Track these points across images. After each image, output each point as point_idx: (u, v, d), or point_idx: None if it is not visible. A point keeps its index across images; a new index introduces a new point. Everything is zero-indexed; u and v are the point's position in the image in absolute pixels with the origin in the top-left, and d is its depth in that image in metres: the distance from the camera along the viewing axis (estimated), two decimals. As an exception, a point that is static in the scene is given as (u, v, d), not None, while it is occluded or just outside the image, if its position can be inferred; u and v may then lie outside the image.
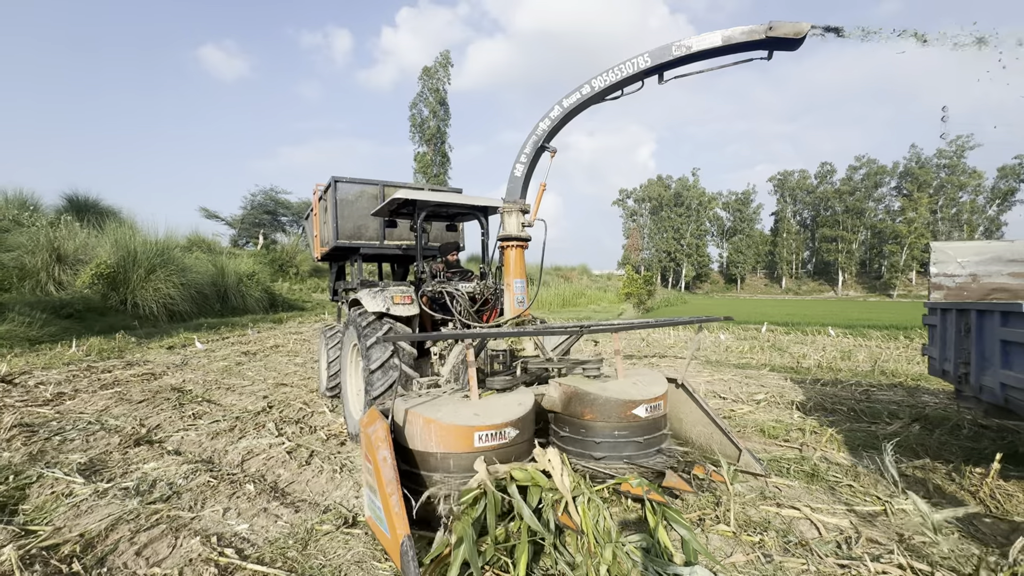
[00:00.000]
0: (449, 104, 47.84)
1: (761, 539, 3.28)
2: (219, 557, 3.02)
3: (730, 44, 4.28)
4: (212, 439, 5.41)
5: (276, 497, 3.95)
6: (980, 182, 67.77)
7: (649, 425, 3.58)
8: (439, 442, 2.96)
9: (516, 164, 4.90)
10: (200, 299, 19.67)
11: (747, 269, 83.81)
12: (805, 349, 12.76)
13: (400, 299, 4.95)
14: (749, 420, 6.26)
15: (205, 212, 39.25)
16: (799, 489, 4.10)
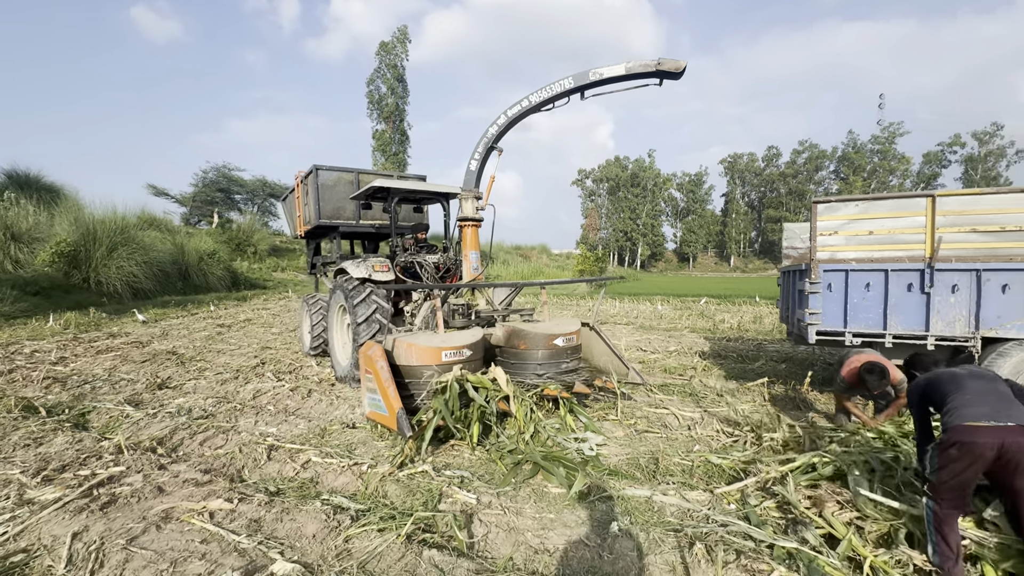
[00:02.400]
0: (407, 80, 47.63)
1: (636, 422, 4.89)
2: (264, 440, 4.32)
3: (631, 73, 5.72)
4: (222, 384, 6.56)
5: (291, 415, 5.24)
6: (908, 167, 73.57)
7: (566, 352, 5.09)
8: (418, 358, 4.34)
9: (471, 160, 6.23)
10: (162, 277, 19.89)
11: (699, 248, 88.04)
12: (728, 316, 14.82)
13: (379, 267, 6.22)
14: (659, 363, 7.98)
15: (153, 189, 38.02)
16: (676, 400, 5.76)
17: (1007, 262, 4.23)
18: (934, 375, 2.75)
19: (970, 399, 2.43)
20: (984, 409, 2.36)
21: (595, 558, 2.71)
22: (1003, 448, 2.26)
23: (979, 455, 2.30)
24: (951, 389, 2.55)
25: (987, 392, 2.48)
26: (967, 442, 2.31)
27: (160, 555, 2.67)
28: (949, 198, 4.42)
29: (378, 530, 2.91)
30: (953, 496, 2.39)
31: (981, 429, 2.29)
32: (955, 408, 2.43)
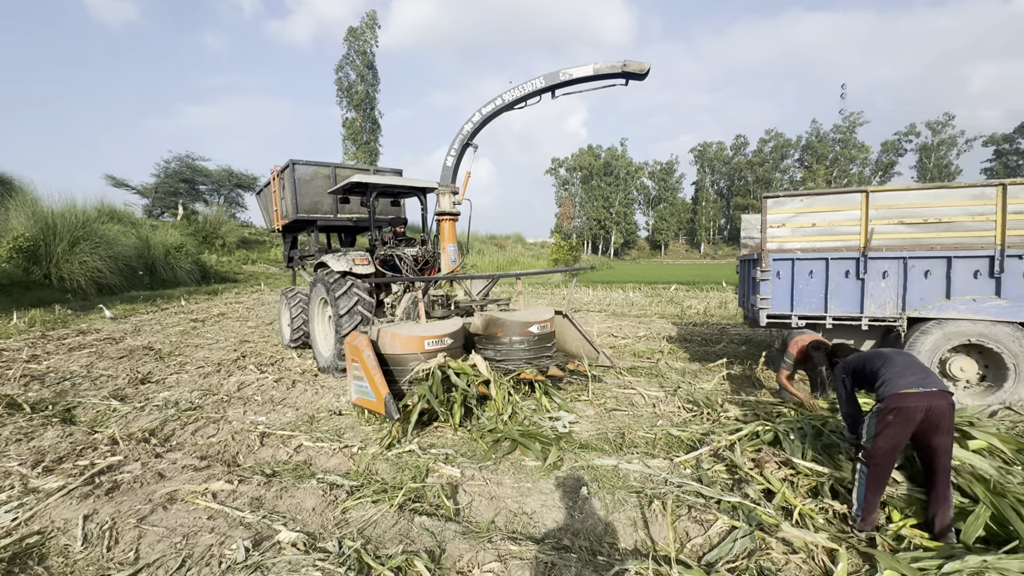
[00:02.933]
0: (377, 67, 46.77)
1: (606, 402, 5.30)
2: (255, 428, 4.54)
3: (599, 74, 6.03)
4: (204, 378, 6.67)
5: (278, 405, 5.45)
6: (867, 155, 76.42)
7: (541, 338, 5.44)
8: (402, 347, 4.62)
9: (447, 156, 6.46)
10: (128, 272, 19.34)
11: (670, 236, 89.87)
12: (695, 302, 15.49)
13: (360, 261, 6.41)
14: (629, 348, 8.45)
15: (112, 180, 36.45)
16: (643, 381, 6.20)
17: (929, 251, 4.78)
18: (861, 355, 3.18)
19: (899, 371, 2.84)
20: (913, 378, 2.76)
21: (567, 518, 3.09)
22: (929, 410, 2.65)
23: (911, 418, 2.68)
24: (880, 364, 2.96)
25: (912, 364, 2.91)
26: (903, 407, 2.68)
27: (171, 531, 2.91)
28: (880, 194, 4.93)
29: (372, 502, 3.21)
30: (886, 459, 2.77)
31: (913, 395, 2.68)
32: (889, 380, 2.81)
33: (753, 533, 2.79)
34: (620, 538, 2.89)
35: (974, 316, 4.65)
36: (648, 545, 2.80)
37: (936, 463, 2.75)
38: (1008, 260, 4.54)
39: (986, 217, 4.59)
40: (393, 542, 2.81)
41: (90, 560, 2.69)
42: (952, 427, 2.75)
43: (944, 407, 2.68)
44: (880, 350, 3.13)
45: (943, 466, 2.74)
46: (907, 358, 2.98)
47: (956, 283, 4.73)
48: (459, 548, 2.75)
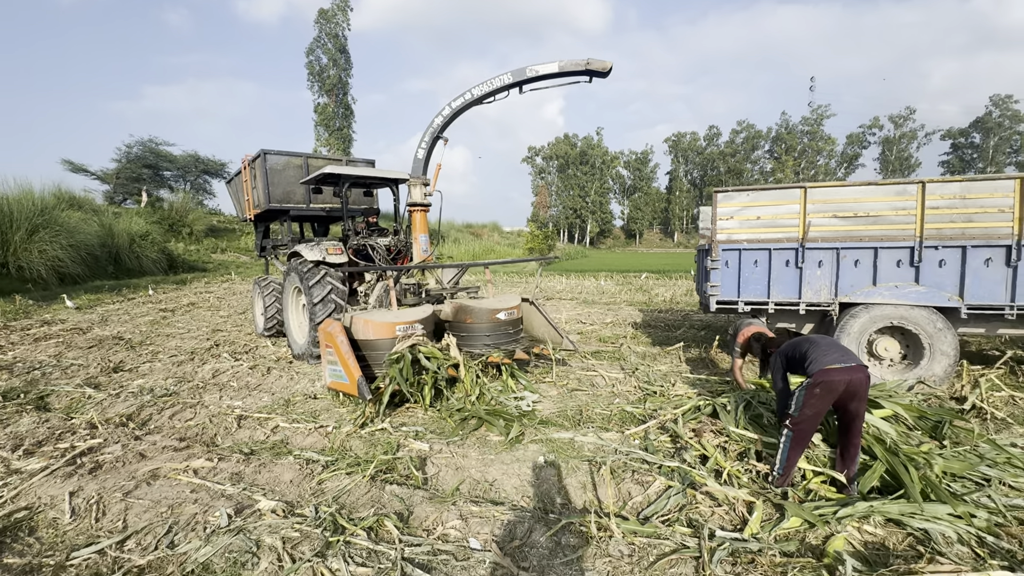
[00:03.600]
0: (350, 52, 45.77)
1: (568, 383, 5.67)
2: (232, 412, 4.73)
3: (563, 71, 6.29)
4: (178, 366, 6.76)
5: (254, 390, 5.62)
6: (833, 147, 78.75)
7: (508, 324, 5.76)
8: (374, 333, 4.86)
9: (418, 149, 6.65)
10: (91, 261, 18.79)
11: (645, 225, 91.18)
12: (663, 290, 16.06)
13: (333, 250, 6.58)
14: (595, 334, 8.85)
15: (70, 165, 34.81)
16: (605, 364, 6.60)
17: (858, 242, 5.26)
18: (792, 342, 3.56)
19: (824, 351, 3.25)
20: (835, 355, 3.17)
21: (524, 483, 3.43)
22: (850, 382, 3.07)
23: (835, 389, 3.08)
24: (808, 347, 3.37)
25: (834, 345, 3.32)
26: (828, 380, 3.08)
27: (156, 503, 3.12)
28: (817, 189, 5.38)
29: (346, 473, 3.49)
30: (809, 424, 3.18)
31: (836, 370, 3.08)
32: (816, 359, 3.21)
33: (685, 491, 3.18)
34: (571, 499, 3.24)
35: (896, 301, 5.17)
36: (595, 503, 3.16)
37: (852, 426, 3.19)
38: (926, 251, 5.05)
39: (907, 212, 5.08)
40: (365, 507, 3.10)
41: (79, 530, 2.90)
42: (867, 395, 3.18)
43: (862, 379, 3.11)
44: (808, 336, 3.54)
45: (856, 428, 3.18)
46: (830, 341, 3.40)
47: (882, 271, 5.23)
48: (426, 510, 3.05)
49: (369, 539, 2.73)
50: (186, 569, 2.51)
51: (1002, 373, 5.75)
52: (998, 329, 5.19)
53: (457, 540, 2.76)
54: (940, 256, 5.03)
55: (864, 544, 2.72)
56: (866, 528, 2.82)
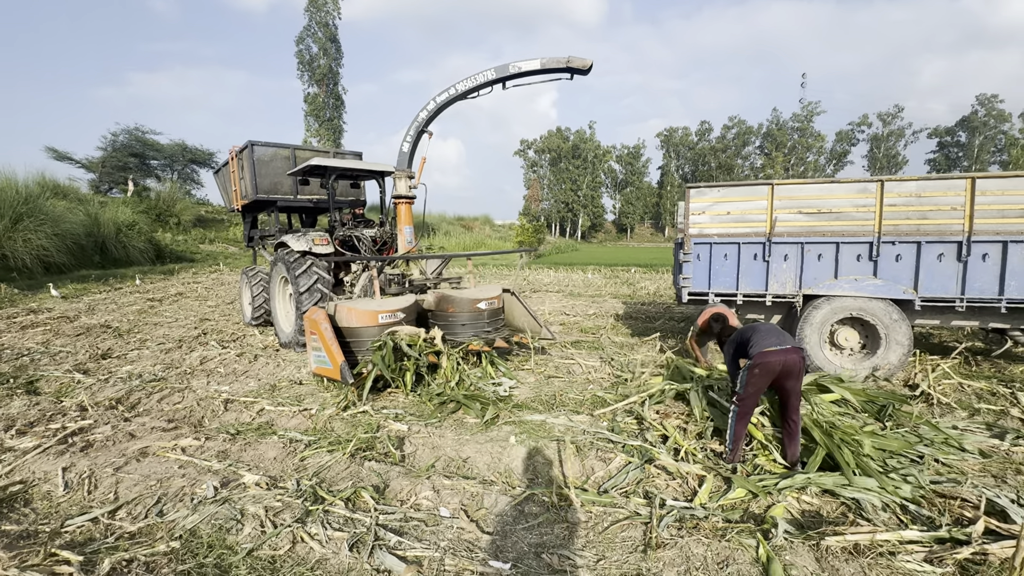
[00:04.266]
0: (340, 41, 45.34)
1: (546, 370, 5.90)
2: (219, 396, 4.91)
3: (545, 68, 6.47)
4: (166, 353, 6.89)
5: (241, 376, 5.79)
6: (822, 144, 79.38)
7: (488, 313, 5.97)
8: (358, 320, 5.05)
9: (403, 142, 6.80)
10: (77, 251, 18.68)
11: (636, 220, 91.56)
12: (649, 283, 16.35)
13: (319, 241, 6.73)
14: (577, 325, 9.10)
15: (54, 153, 34.26)
16: (584, 353, 6.84)
17: (822, 237, 5.52)
18: (741, 330, 3.82)
19: (763, 336, 3.53)
20: (773, 340, 3.46)
21: (495, 460, 3.65)
22: (785, 363, 3.36)
23: (771, 370, 3.37)
24: (751, 334, 3.64)
25: (773, 331, 3.59)
26: (765, 362, 3.37)
27: (146, 477, 3.31)
28: (783, 186, 5.63)
29: (328, 451, 3.69)
30: (751, 400, 3.48)
31: (773, 352, 3.38)
32: (756, 343, 3.50)
33: (643, 466, 3.43)
34: (538, 474, 3.47)
35: (855, 293, 5.45)
36: (559, 478, 3.40)
37: (788, 402, 3.48)
38: (883, 246, 5.33)
39: (868, 208, 5.35)
40: (344, 481, 3.31)
41: (72, 502, 3.08)
42: (801, 375, 3.45)
43: (796, 360, 3.38)
44: (754, 324, 3.79)
45: (794, 404, 3.45)
46: (770, 327, 3.67)
47: (843, 265, 5.50)
48: (401, 484, 3.27)
49: (346, 508, 2.94)
50: (174, 534, 2.70)
51: (957, 363, 6.08)
52: (952, 321, 5.50)
53: (429, 509, 2.98)
54: (897, 251, 5.31)
55: (802, 512, 2.99)
56: (804, 498, 3.08)
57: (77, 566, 2.39)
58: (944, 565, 2.44)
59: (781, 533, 2.66)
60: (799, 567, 2.46)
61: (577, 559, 2.54)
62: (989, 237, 4.99)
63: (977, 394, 5.06)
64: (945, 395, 4.99)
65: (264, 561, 2.50)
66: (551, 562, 2.51)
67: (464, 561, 2.50)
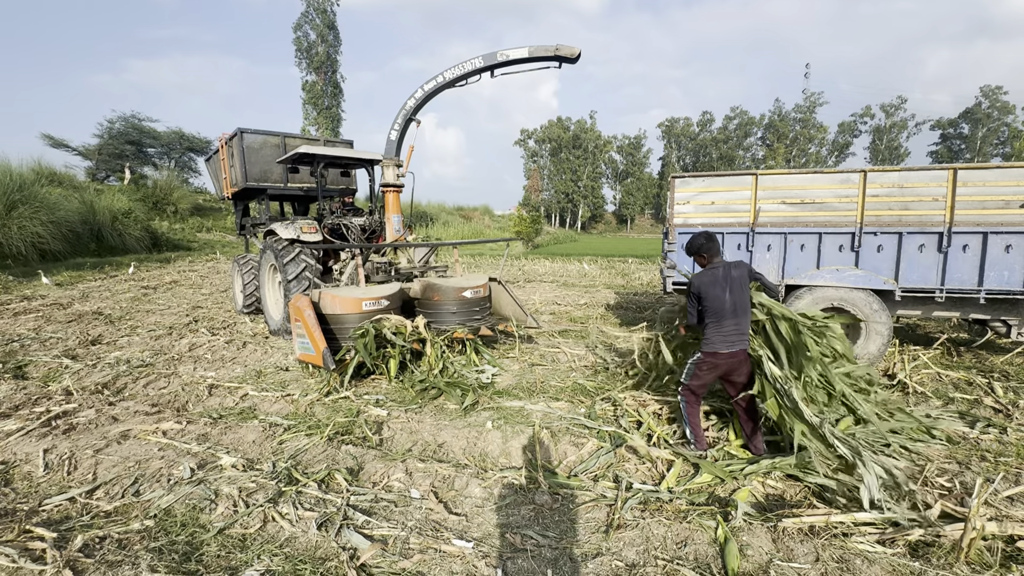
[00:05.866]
0: (339, 28, 44.87)
1: (530, 359, 5.96)
2: (204, 382, 4.96)
3: (534, 56, 6.43)
4: (156, 340, 6.95)
5: (228, 362, 5.85)
6: (824, 135, 78.78)
7: (474, 302, 6.01)
8: (342, 308, 5.09)
9: (391, 130, 6.79)
10: (72, 238, 18.70)
11: (636, 210, 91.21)
12: (644, 274, 16.37)
13: (308, 229, 6.75)
14: (567, 314, 9.14)
15: (50, 140, 34.08)
16: (570, 342, 6.89)
17: (804, 227, 5.54)
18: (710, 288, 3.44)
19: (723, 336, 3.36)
20: (728, 343, 3.36)
21: (470, 445, 3.71)
22: (731, 363, 3.39)
23: (718, 367, 3.41)
24: (714, 316, 3.41)
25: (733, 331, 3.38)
26: (715, 363, 3.39)
27: (125, 459, 3.37)
28: (767, 176, 5.64)
29: (306, 435, 3.75)
30: (698, 392, 3.54)
31: (723, 354, 3.37)
32: (710, 339, 3.41)
33: (614, 451, 3.49)
34: (511, 458, 3.54)
35: (837, 283, 5.48)
36: (531, 462, 3.46)
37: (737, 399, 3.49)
38: (865, 236, 5.35)
39: (850, 199, 5.36)
40: (320, 463, 3.37)
41: (52, 482, 3.14)
42: (749, 372, 3.46)
43: (742, 360, 3.40)
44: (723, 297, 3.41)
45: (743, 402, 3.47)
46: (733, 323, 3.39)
47: (825, 255, 5.53)
48: (376, 467, 3.33)
49: (319, 489, 3.01)
50: (149, 513, 2.77)
51: (938, 354, 6.14)
52: (932, 312, 5.54)
53: (400, 490, 3.05)
54: (878, 242, 5.33)
55: (765, 496, 3.05)
56: (769, 483, 3.14)
57: (50, 542, 2.46)
58: (895, 546, 2.50)
59: (740, 515, 2.73)
60: (755, 547, 2.52)
61: (540, 538, 2.60)
62: (969, 228, 5.01)
63: (954, 384, 5.11)
64: (922, 384, 5.04)
65: (234, 539, 2.57)
66: (514, 541, 2.58)
67: (429, 540, 2.56)
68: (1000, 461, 3.45)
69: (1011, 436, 3.83)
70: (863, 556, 2.43)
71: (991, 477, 3.14)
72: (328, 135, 42.13)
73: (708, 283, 3.43)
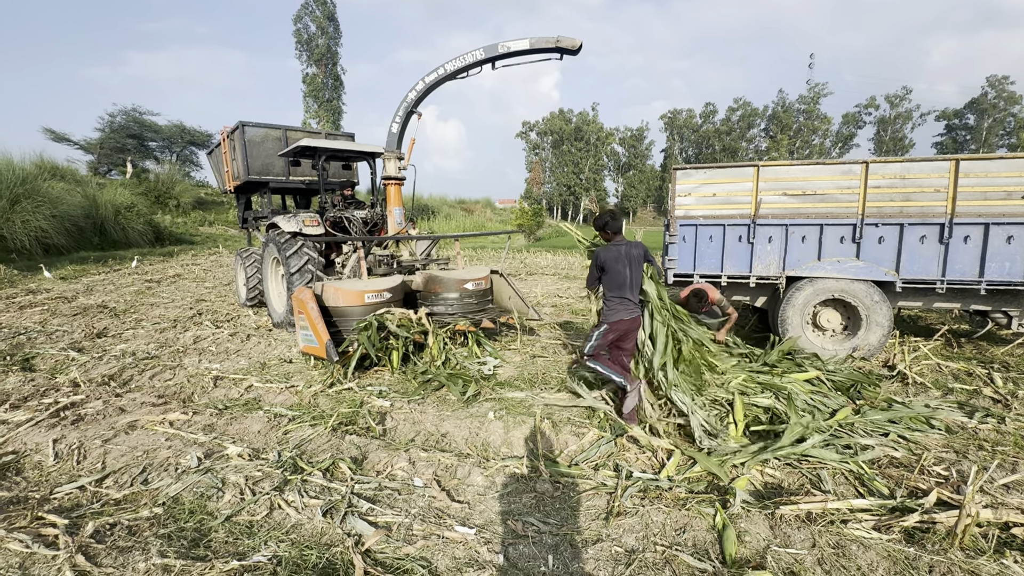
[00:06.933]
0: (339, 19, 44.59)
1: (532, 351, 5.99)
2: (209, 373, 5.02)
3: (535, 48, 6.41)
4: (161, 333, 7.01)
5: (232, 355, 5.90)
6: (828, 127, 78.10)
7: (475, 294, 6.04)
8: (344, 300, 5.13)
9: (392, 123, 6.79)
10: (76, 232, 18.78)
11: (639, 203, 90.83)
12: (644, 266, 16.35)
13: (309, 222, 6.77)
14: (569, 307, 9.17)
15: (52, 134, 34.14)
16: (573, 334, 6.93)
17: (806, 219, 5.54)
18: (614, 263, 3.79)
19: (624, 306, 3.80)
20: (627, 309, 3.81)
21: (472, 435, 3.76)
22: (630, 328, 3.87)
23: (619, 332, 3.85)
24: (616, 289, 3.79)
25: (631, 301, 3.83)
26: (619, 328, 3.83)
27: (133, 449, 3.43)
28: (768, 168, 5.63)
29: (311, 425, 3.80)
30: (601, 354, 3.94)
31: (626, 320, 3.82)
32: (615, 308, 3.81)
33: (614, 440, 3.53)
34: (512, 448, 3.58)
35: (838, 275, 5.49)
36: (532, 451, 3.51)
37: (624, 361, 4.01)
38: (866, 227, 5.35)
39: (852, 190, 5.35)
40: (324, 453, 3.42)
41: (62, 471, 3.20)
42: (636, 335, 3.97)
43: (637, 326, 3.93)
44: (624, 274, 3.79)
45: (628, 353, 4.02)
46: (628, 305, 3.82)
47: (826, 247, 5.54)
48: (379, 456, 3.38)
49: (324, 478, 3.06)
50: (158, 501, 2.82)
51: (939, 345, 6.15)
52: (933, 303, 5.54)
53: (403, 479, 3.10)
54: (880, 233, 5.33)
55: (764, 484, 3.09)
56: (768, 471, 3.18)
57: (62, 528, 2.51)
58: (891, 532, 2.54)
59: (739, 502, 2.77)
60: (752, 534, 2.56)
61: (541, 525, 2.65)
62: (971, 219, 5.01)
63: (954, 375, 5.14)
64: (922, 375, 5.07)
65: (242, 526, 2.62)
66: (515, 528, 2.62)
67: (432, 526, 2.61)
68: (997, 450, 3.48)
69: (1009, 426, 3.85)
70: (859, 542, 2.47)
71: (987, 465, 3.17)
72: (329, 128, 42.07)
73: (612, 258, 3.79)
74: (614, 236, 3.95)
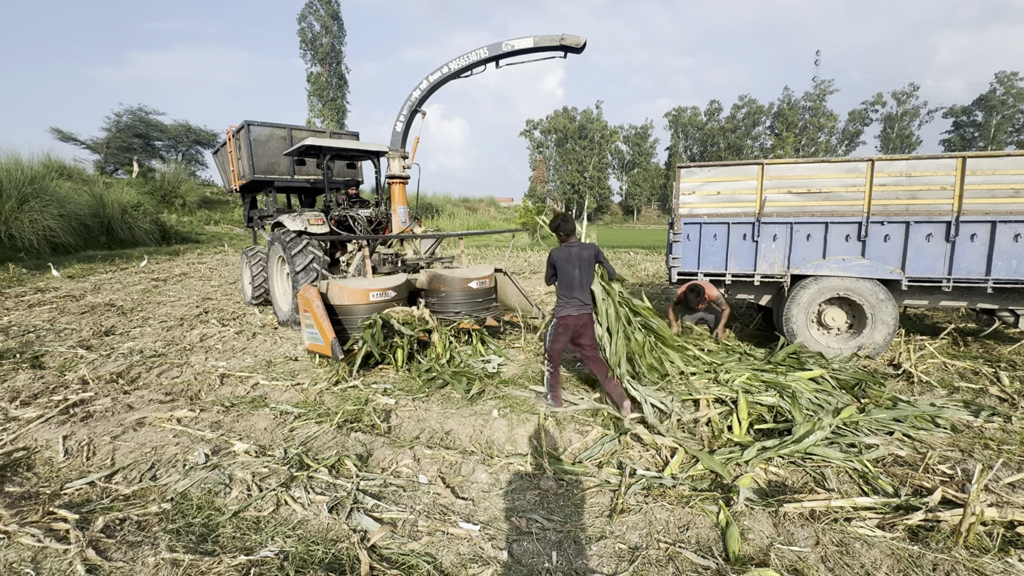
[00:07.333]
0: (343, 18, 44.66)
1: (536, 349, 6.00)
2: (216, 371, 5.06)
3: (539, 46, 6.40)
4: (168, 331, 7.07)
5: (238, 352, 5.95)
6: (834, 124, 77.53)
7: (479, 292, 6.06)
8: (349, 298, 5.16)
9: (396, 122, 6.81)
10: (83, 231, 18.94)
11: (643, 201, 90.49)
12: (650, 265, 16.34)
13: (314, 221, 6.81)
14: (573, 305, 9.18)
15: (59, 134, 34.37)
16: (575, 332, 6.92)
17: (811, 217, 5.52)
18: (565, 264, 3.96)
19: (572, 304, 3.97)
20: (574, 306, 3.97)
21: (476, 432, 3.78)
22: (578, 325, 3.99)
23: (570, 328, 3.99)
24: (566, 288, 3.97)
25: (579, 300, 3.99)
26: (567, 324, 3.98)
27: (141, 445, 3.47)
28: (773, 166, 5.61)
29: (316, 422, 3.84)
30: (556, 359, 4.11)
31: (573, 316, 3.96)
32: (563, 306, 3.99)
33: (618, 438, 3.55)
34: (516, 445, 3.60)
35: (843, 273, 5.47)
36: (536, 449, 3.52)
37: (586, 355, 4.14)
38: (872, 225, 5.33)
39: (857, 188, 5.33)
40: (330, 450, 3.45)
41: (72, 467, 3.25)
42: (592, 335, 4.14)
43: (587, 322, 4.04)
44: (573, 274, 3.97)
45: (593, 356, 4.12)
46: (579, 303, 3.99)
47: (831, 245, 5.51)
48: (384, 453, 3.41)
49: (330, 475, 3.09)
50: (166, 497, 2.86)
51: (945, 343, 6.12)
52: (940, 302, 5.51)
53: (408, 476, 3.12)
54: (885, 231, 5.30)
55: (768, 482, 3.09)
56: (772, 469, 3.19)
57: (73, 523, 2.55)
58: (895, 531, 2.54)
59: (742, 500, 2.77)
60: (756, 531, 2.57)
61: (544, 522, 2.66)
62: (978, 217, 4.97)
63: (960, 373, 5.11)
64: (927, 374, 5.04)
65: (249, 521, 2.65)
66: (519, 524, 2.64)
67: (436, 523, 2.63)
68: (1003, 449, 3.46)
69: (1015, 425, 3.83)
70: (863, 540, 2.47)
71: (992, 464, 3.16)
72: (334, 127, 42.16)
73: (563, 259, 3.99)
74: (567, 238, 4.11)
